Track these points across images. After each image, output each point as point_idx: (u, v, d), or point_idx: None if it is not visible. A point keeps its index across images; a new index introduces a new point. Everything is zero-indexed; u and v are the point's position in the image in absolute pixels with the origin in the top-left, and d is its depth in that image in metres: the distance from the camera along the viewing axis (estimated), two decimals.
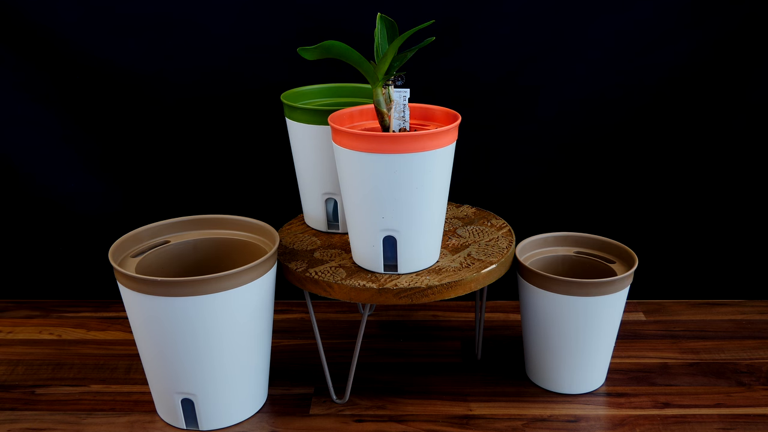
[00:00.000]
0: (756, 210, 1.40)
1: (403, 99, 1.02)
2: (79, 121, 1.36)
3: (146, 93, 1.33)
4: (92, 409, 1.14)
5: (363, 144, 0.96)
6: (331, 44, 0.94)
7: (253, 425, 1.10)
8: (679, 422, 1.09)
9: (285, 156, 1.27)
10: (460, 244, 1.15)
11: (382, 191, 0.99)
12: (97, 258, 1.40)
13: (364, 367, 1.24)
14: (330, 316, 1.43)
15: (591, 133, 1.36)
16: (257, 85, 1.33)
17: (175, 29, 1.29)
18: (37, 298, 1.49)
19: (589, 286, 1.07)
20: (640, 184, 1.39)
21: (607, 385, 1.18)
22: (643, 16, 1.27)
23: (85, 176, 1.39)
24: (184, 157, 1.39)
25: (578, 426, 1.08)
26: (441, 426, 1.09)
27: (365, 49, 0.98)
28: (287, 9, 1.27)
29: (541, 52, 1.30)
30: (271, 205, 1.36)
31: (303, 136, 1.15)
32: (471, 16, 1.27)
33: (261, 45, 1.30)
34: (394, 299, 1.02)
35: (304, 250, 1.14)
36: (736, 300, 1.46)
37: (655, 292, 1.46)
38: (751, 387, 1.17)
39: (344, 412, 1.12)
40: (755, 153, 1.36)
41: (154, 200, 1.42)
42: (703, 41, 1.28)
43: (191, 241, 1.16)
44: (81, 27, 1.28)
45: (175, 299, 0.97)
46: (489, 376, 1.22)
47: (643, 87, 1.32)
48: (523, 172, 1.39)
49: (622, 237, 1.25)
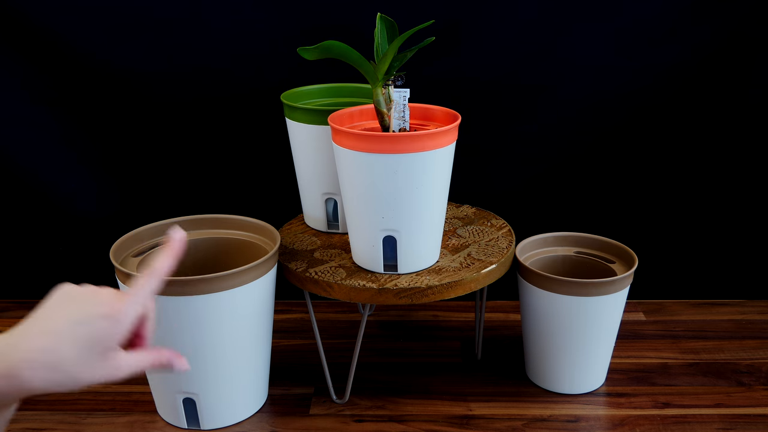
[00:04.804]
0: (756, 210, 1.40)
1: (403, 99, 1.02)
2: (80, 121, 1.36)
3: (146, 93, 1.33)
4: (92, 409, 1.14)
5: (363, 144, 0.96)
6: (331, 44, 0.94)
7: (253, 425, 1.10)
8: (679, 422, 1.09)
9: (285, 156, 1.27)
10: (460, 244, 1.15)
11: (382, 191, 0.99)
12: (97, 258, 1.40)
13: (364, 367, 1.24)
14: (330, 316, 1.43)
15: (591, 133, 1.36)
16: (257, 85, 1.33)
17: (175, 29, 1.29)
18: (37, 298, 1.48)
19: (589, 286, 1.07)
20: (640, 184, 1.39)
21: (607, 385, 1.18)
22: (643, 16, 1.27)
23: (85, 176, 1.40)
24: (184, 157, 1.39)
25: (578, 426, 1.08)
26: (441, 426, 1.09)
27: (365, 49, 0.98)
28: (287, 9, 1.27)
29: (541, 52, 1.30)
30: (271, 205, 1.36)
31: (303, 136, 1.15)
32: (471, 16, 1.27)
33: (261, 45, 1.30)
34: (394, 299, 1.02)
35: (304, 250, 1.14)
36: (736, 300, 1.46)
37: (655, 292, 1.46)
38: (751, 387, 1.17)
39: (344, 412, 1.12)
40: (755, 153, 1.36)
41: (154, 200, 1.42)
42: (704, 41, 1.28)
43: (191, 241, 1.16)
44: (81, 27, 1.28)
45: (175, 299, 0.97)
46: (489, 376, 1.22)
47: (643, 87, 1.32)
48: (523, 172, 1.39)
49: (622, 237, 1.25)
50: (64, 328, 0.57)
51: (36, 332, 0.57)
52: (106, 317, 0.57)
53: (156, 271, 0.62)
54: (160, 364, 0.63)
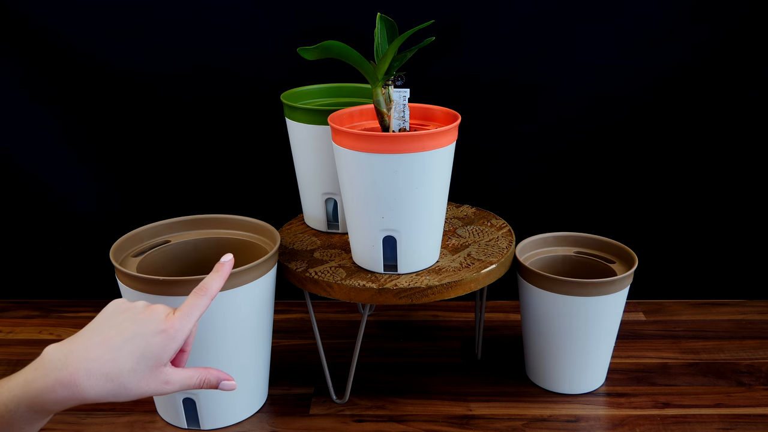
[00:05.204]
0: (756, 210, 1.40)
1: (403, 99, 1.02)
2: (80, 121, 1.36)
3: (146, 93, 1.33)
4: (92, 409, 1.14)
5: (363, 144, 0.96)
6: (331, 44, 0.94)
7: (253, 425, 1.10)
8: (679, 422, 1.09)
9: (285, 156, 1.27)
10: (460, 244, 1.15)
11: (382, 191, 0.99)
12: (97, 258, 1.40)
13: (364, 367, 1.24)
14: (330, 316, 1.43)
15: (591, 133, 1.36)
16: (257, 85, 1.33)
17: (175, 29, 1.29)
18: (37, 298, 1.49)
19: (589, 286, 1.07)
20: (640, 184, 1.39)
21: (607, 385, 1.18)
22: (643, 16, 1.27)
23: (85, 176, 1.40)
24: (184, 156, 1.39)
25: (578, 426, 1.08)
26: (441, 426, 1.09)
27: (365, 49, 0.98)
28: (287, 9, 1.27)
29: (541, 52, 1.30)
30: (271, 205, 1.36)
31: (303, 136, 1.15)
32: (471, 16, 1.27)
33: (261, 45, 1.30)
34: (394, 299, 1.02)
35: (304, 250, 1.14)
36: (736, 300, 1.46)
37: (655, 292, 1.46)
38: (751, 387, 1.17)
39: (344, 412, 1.12)
40: (755, 153, 1.36)
41: (154, 200, 1.42)
42: (704, 41, 1.28)
43: (191, 240, 1.17)
44: (81, 27, 1.28)
45: (176, 298, 0.97)
46: (489, 376, 1.22)
47: (643, 87, 1.32)
48: (523, 172, 1.39)
49: (622, 237, 1.25)
50: (121, 340, 0.59)
51: (94, 343, 0.59)
52: (161, 333, 0.60)
53: (207, 290, 0.64)
54: (208, 382, 0.65)
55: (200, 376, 0.64)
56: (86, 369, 0.58)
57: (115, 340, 0.59)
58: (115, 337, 0.59)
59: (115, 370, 0.58)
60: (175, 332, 0.60)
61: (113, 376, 0.58)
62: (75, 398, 0.58)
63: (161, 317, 0.61)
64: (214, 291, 0.65)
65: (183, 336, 0.61)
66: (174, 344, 0.60)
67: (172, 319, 0.61)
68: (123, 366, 0.58)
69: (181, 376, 0.62)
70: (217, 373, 0.66)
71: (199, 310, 0.63)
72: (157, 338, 0.60)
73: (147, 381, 0.59)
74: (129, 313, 0.62)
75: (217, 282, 0.66)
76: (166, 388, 0.61)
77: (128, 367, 0.58)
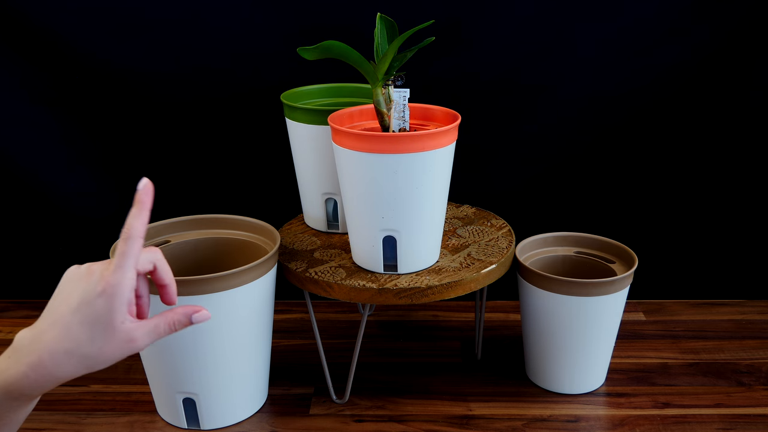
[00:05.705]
0: (756, 210, 1.40)
1: (403, 99, 1.02)
2: (80, 121, 1.36)
3: (146, 93, 1.33)
4: (92, 409, 1.14)
5: (363, 144, 0.96)
6: (331, 44, 0.94)
7: (253, 425, 1.10)
8: (679, 422, 1.09)
9: (285, 156, 1.27)
10: (460, 244, 1.15)
11: (382, 191, 0.99)
12: (97, 258, 1.40)
13: (364, 367, 1.24)
14: (330, 316, 1.43)
15: (591, 132, 1.36)
16: (257, 85, 1.33)
17: (175, 29, 1.29)
18: (37, 298, 1.49)
19: (589, 286, 1.07)
20: (640, 184, 1.39)
21: (607, 385, 1.18)
22: (644, 16, 1.27)
23: (84, 176, 1.39)
24: (184, 157, 1.39)
25: (578, 426, 1.08)
26: (441, 426, 1.09)
27: (365, 49, 0.98)
28: (287, 9, 1.27)
29: (541, 52, 1.30)
30: (271, 205, 1.36)
31: (303, 136, 1.15)
32: (471, 16, 1.27)
33: (261, 45, 1.30)
34: (394, 299, 1.02)
35: (304, 250, 1.14)
36: (736, 300, 1.46)
37: (655, 292, 1.46)
38: (751, 387, 1.17)
39: (344, 412, 1.12)
40: (755, 153, 1.36)
41: (154, 200, 1.41)
42: (704, 41, 1.28)
43: (191, 240, 1.16)
44: (81, 27, 1.28)
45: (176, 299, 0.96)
46: (489, 376, 1.22)
47: (643, 87, 1.32)
48: (523, 172, 1.39)
49: (622, 237, 1.25)
50: (69, 314, 0.58)
51: (48, 324, 0.58)
52: (101, 294, 0.57)
53: (131, 231, 0.60)
54: (178, 323, 0.63)
55: (166, 321, 0.61)
56: (49, 350, 0.56)
57: (65, 314, 0.57)
58: (65, 312, 0.57)
59: (74, 346, 0.56)
60: (113, 289, 0.57)
61: (74, 352, 0.56)
62: (48, 380, 0.57)
63: (97, 278, 0.58)
64: (140, 229, 0.60)
65: (125, 289, 0.57)
66: (117, 301, 0.57)
67: (107, 276, 0.58)
68: (79, 339, 0.57)
69: (145, 330, 0.59)
70: (183, 309, 0.62)
71: (131, 257, 0.59)
72: (99, 300, 0.57)
73: (109, 346, 0.57)
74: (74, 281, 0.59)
75: (140, 218, 0.61)
76: (134, 346, 0.58)
77: (84, 338, 0.57)
